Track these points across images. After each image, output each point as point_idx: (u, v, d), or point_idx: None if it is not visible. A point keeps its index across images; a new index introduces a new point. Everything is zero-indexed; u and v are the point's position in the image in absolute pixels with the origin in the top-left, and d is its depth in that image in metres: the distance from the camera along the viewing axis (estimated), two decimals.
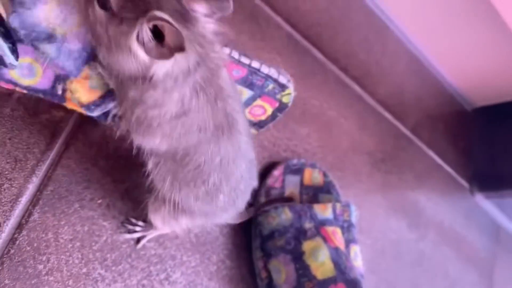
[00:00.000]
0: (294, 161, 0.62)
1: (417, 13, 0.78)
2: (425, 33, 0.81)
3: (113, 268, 0.48)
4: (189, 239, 0.53)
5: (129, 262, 0.49)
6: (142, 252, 0.50)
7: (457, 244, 0.84)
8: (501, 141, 0.86)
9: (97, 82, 0.39)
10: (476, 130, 0.90)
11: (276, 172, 0.60)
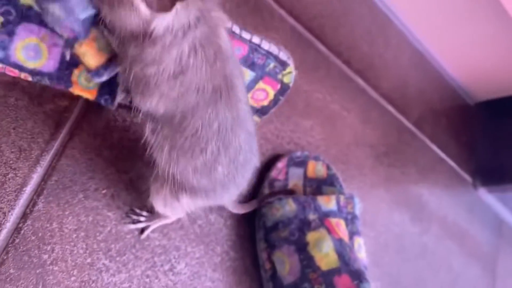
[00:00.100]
0: (298, 154, 0.62)
1: (420, 7, 0.78)
2: (428, 27, 0.81)
3: (118, 259, 0.48)
4: (193, 230, 0.53)
5: (134, 253, 0.49)
6: (147, 243, 0.50)
7: (460, 238, 0.84)
8: (504, 135, 0.86)
9: (104, 44, 0.39)
10: (479, 125, 0.90)
11: (280, 164, 0.60)
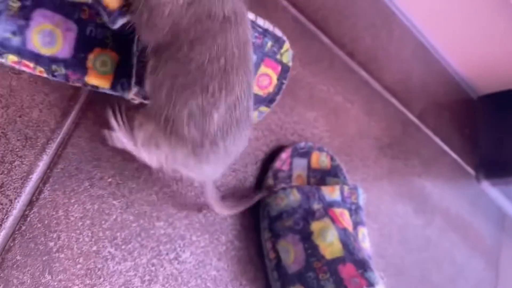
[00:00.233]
0: (302, 144, 0.62)
1: (423, 0, 0.78)
2: (431, 20, 0.80)
3: (123, 247, 0.48)
4: (198, 220, 0.53)
5: (139, 241, 0.49)
6: (152, 232, 0.50)
7: (464, 231, 0.84)
8: (507, 129, 0.86)
9: None
10: (482, 118, 0.90)
11: (284, 155, 0.60)
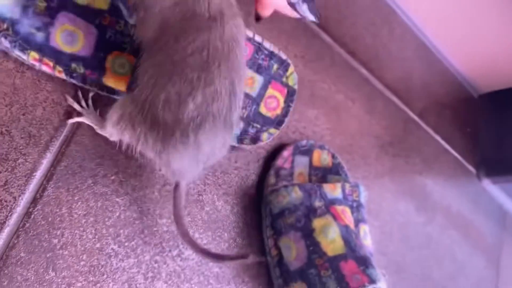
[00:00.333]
0: (303, 142, 0.62)
1: None
2: (432, 18, 0.81)
3: (126, 244, 0.49)
4: (201, 217, 0.54)
5: (142, 238, 0.50)
6: (155, 229, 0.51)
7: (465, 229, 0.84)
8: (508, 127, 0.86)
9: None
10: (483, 116, 0.90)
11: (286, 153, 0.61)
